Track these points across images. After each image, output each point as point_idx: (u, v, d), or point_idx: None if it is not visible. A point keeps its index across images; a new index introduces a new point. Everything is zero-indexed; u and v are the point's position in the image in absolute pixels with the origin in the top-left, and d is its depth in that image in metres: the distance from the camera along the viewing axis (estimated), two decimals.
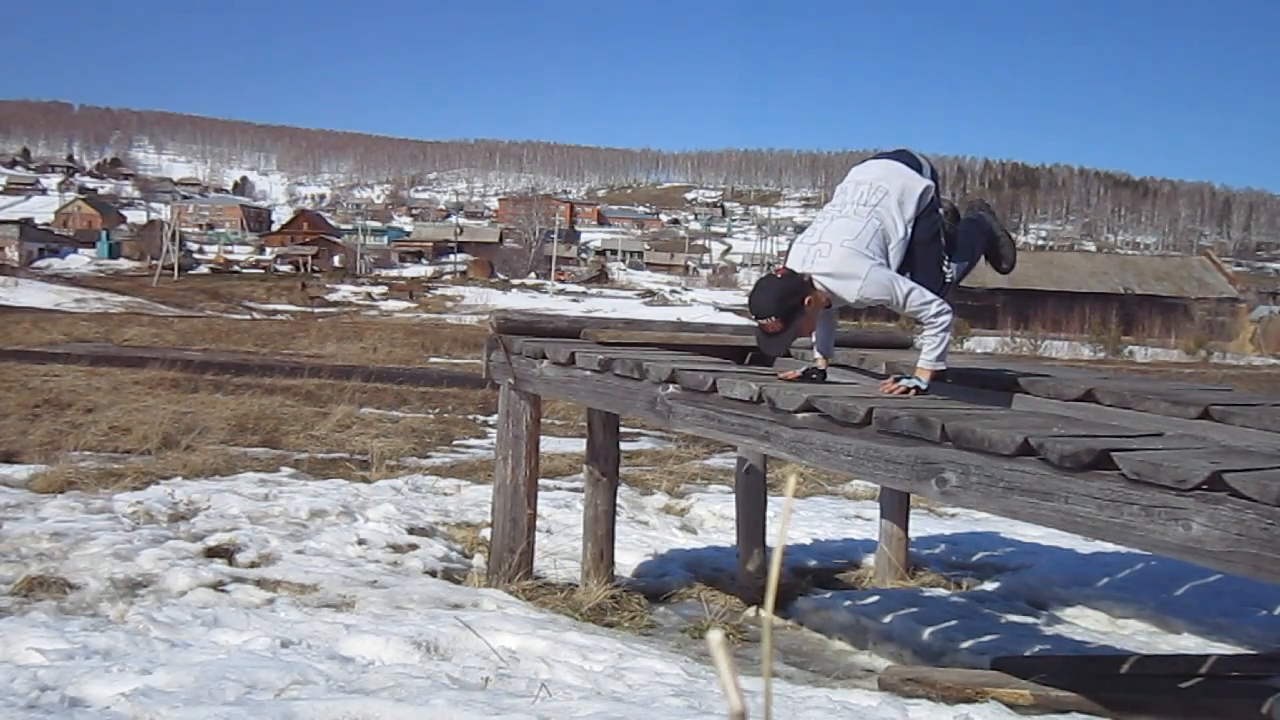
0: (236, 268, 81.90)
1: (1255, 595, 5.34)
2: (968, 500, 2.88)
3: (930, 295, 3.64)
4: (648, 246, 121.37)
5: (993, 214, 4.43)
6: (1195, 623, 5.15)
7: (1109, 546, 5.80)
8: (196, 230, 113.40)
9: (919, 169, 3.86)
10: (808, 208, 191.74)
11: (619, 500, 5.87)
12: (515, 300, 61.23)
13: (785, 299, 3.64)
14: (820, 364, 3.97)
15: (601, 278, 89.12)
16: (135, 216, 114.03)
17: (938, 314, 3.64)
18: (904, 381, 3.66)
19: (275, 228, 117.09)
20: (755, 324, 3.80)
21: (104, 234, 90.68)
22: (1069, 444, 2.56)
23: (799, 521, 7.16)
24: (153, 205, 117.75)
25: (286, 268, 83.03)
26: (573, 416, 11.42)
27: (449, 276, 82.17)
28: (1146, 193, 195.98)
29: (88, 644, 3.73)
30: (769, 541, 5.82)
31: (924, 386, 3.61)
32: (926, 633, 4.92)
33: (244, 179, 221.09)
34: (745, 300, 4.10)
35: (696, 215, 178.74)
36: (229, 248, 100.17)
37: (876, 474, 3.14)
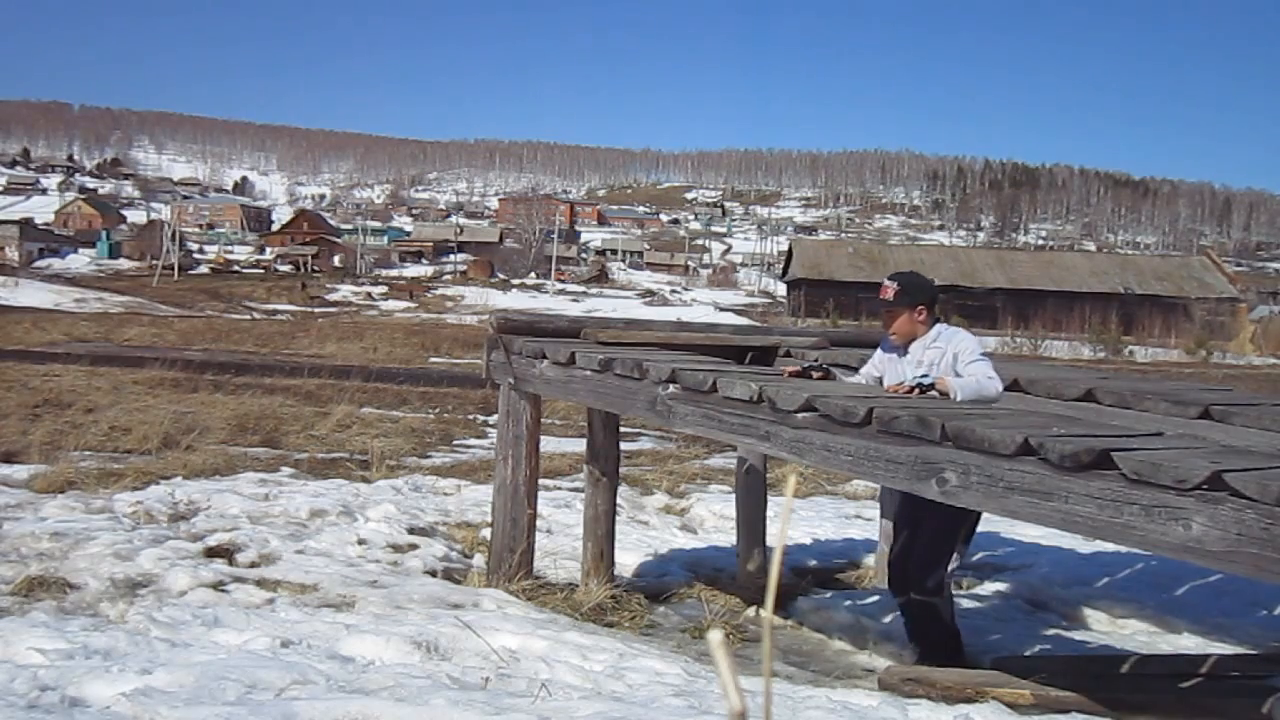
0: (236, 268, 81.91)
1: (1255, 595, 5.34)
2: (968, 500, 2.88)
3: (994, 372, 3.96)
4: (648, 246, 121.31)
5: None
6: (1195, 623, 5.15)
7: (1109, 546, 5.79)
8: (196, 230, 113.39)
9: None
10: (808, 208, 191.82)
11: (619, 500, 5.87)
12: (515, 300, 61.24)
13: (924, 290, 4.03)
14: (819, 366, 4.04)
15: (601, 278, 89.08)
16: (135, 216, 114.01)
17: (991, 378, 3.91)
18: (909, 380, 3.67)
19: (275, 228, 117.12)
20: (883, 283, 4.14)
21: (104, 234, 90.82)
22: (1069, 444, 2.56)
23: (799, 521, 7.16)
24: (153, 205, 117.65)
25: (286, 268, 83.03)
26: (573, 416, 11.42)
27: (449, 276, 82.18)
28: (1146, 193, 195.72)
29: (88, 644, 3.73)
30: (769, 541, 5.83)
31: (929, 386, 3.62)
32: None
33: (244, 179, 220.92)
34: (745, 300, 4.20)
35: (696, 215, 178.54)
36: (229, 248, 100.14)
37: (876, 474, 3.14)
